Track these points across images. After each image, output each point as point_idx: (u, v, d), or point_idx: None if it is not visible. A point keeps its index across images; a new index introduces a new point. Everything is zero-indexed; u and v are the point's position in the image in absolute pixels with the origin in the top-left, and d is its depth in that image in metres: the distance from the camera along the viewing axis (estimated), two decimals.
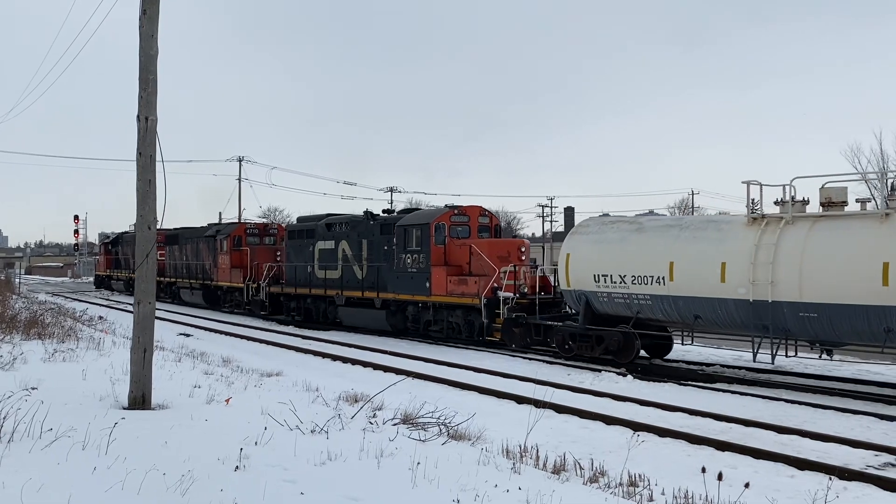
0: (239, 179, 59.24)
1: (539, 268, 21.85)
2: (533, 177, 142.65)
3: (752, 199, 15.75)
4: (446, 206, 22.87)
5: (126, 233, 49.22)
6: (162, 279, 39.67)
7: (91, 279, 76.07)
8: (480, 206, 22.81)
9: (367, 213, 24.82)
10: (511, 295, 18.96)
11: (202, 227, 38.90)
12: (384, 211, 25.40)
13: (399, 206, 68.22)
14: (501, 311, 18.73)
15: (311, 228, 27.16)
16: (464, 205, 22.71)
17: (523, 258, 20.51)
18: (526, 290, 19.49)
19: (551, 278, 20.93)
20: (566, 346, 17.55)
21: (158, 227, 9.65)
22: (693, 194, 75.93)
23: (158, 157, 9.19)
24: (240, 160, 59.26)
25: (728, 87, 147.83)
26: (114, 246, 50.58)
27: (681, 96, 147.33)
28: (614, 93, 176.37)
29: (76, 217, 72.81)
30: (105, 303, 39.21)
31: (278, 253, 30.69)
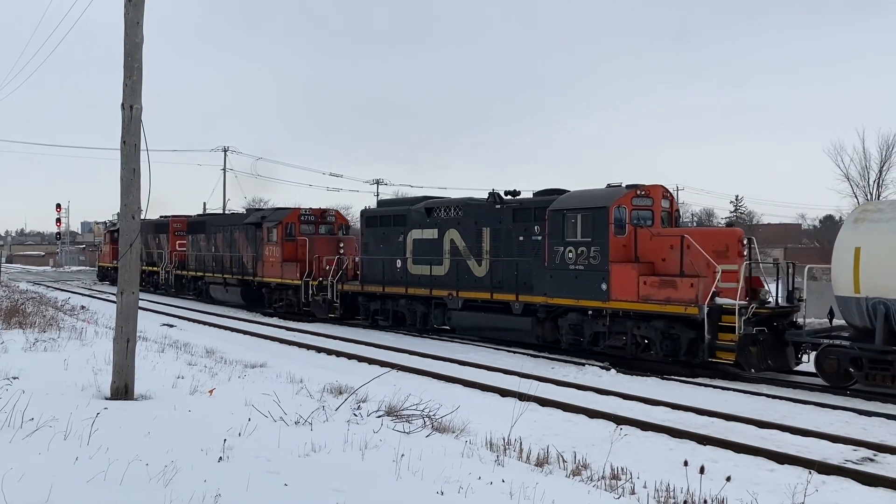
0: (224, 170, 58.96)
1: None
2: (518, 171, 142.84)
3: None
4: (609, 185, 17.49)
5: None
6: (184, 273, 35.95)
7: (74, 269, 75.44)
8: (662, 186, 17.56)
9: (493, 194, 19.81)
10: (746, 303, 14.49)
11: (238, 213, 33.77)
12: (507, 193, 20.07)
13: (384, 197, 67.50)
14: (737, 324, 14.09)
15: (400, 214, 22.67)
16: (645, 183, 17.16)
17: (745, 253, 15.60)
18: (768, 297, 15.08)
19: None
20: (841, 374, 13.61)
21: (143, 216, 9.57)
22: (678, 190, 76.32)
23: (143, 146, 9.12)
24: (225, 150, 58.97)
25: (714, 84, 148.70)
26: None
27: (666, 93, 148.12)
28: (600, 89, 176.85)
29: (58, 205, 72.09)
30: (87, 292, 38.90)
31: (341, 244, 26.37)
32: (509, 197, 19.82)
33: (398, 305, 22.51)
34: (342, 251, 25.96)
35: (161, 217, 41.75)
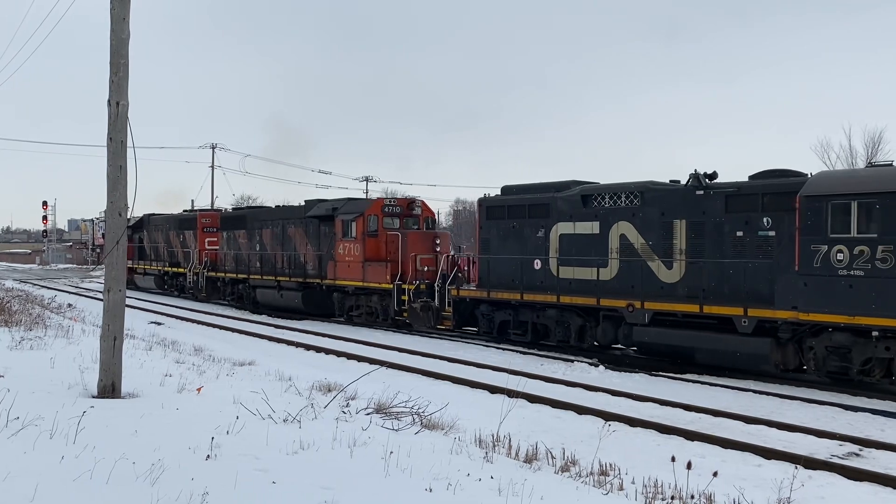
0: (212, 167, 58.75)
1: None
2: (508, 168, 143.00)
3: None
4: (871, 163, 13.76)
5: (154, 215, 39.81)
6: (219, 275, 31.28)
7: (61, 266, 74.85)
8: None
9: (695, 176, 15.58)
10: None
11: (292, 205, 28.92)
12: (706, 176, 15.62)
13: (373, 196, 66.80)
14: None
15: (540, 203, 18.50)
16: None
17: None
18: None
19: None
20: None
21: (130, 213, 9.49)
22: None
23: (130, 143, 9.05)
24: (213, 147, 58.75)
25: (702, 81, 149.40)
26: (136, 231, 39.70)
27: (658, 91, 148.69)
28: (591, 86, 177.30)
29: (44, 203, 71.79)
30: (74, 290, 38.64)
31: (437, 241, 22.40)
32: (710, 181, 15.57)
33: (542, 317, 18.06)
34: (438, 249, 22.06)
35: (185, 211, 38.69)
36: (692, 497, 6.54)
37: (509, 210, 19.29)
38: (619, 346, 17.21)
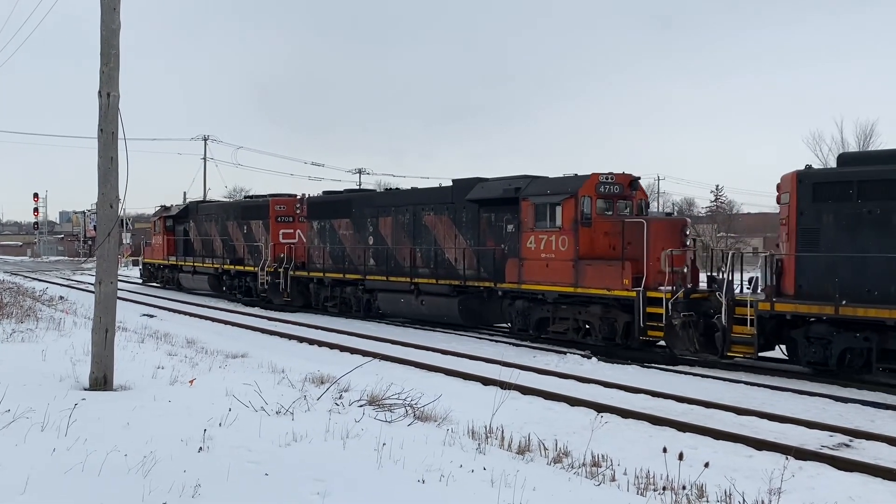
0: (204, 159, 58.46)
1: None
2: (501, 161, 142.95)
3: None
4: None
5: (205, 202, 35.10)
6: (313, 275, 25.26)
7: (53, 259, 74.41)
8: None
9: None
10: None
11: (426, 188, 22.76)
12: None
13: (367, 187, 66.74)
14: None
15: None
16: None
17: None
18: None
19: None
20: None
21: (122, 206, 9.44)
22: (658, 180, 76.54)
23: (121, 135, 9.00)
24: (205, 139, 58.46)
25: (694, 73, 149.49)
26: (179, 222, 34.05)
27: (646, 82, 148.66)
28: (583, 79, 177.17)
29: (35, 195, 71.33)
30: (66, 283, 38.47)
31: (686, 231, 16.30)
32: None
33: None
34: (686, 243, 16.07)
35: (248, 197, 33.85)
36: (684, 488, 6.57)
37: (860, 187, 13.24)
38: None
